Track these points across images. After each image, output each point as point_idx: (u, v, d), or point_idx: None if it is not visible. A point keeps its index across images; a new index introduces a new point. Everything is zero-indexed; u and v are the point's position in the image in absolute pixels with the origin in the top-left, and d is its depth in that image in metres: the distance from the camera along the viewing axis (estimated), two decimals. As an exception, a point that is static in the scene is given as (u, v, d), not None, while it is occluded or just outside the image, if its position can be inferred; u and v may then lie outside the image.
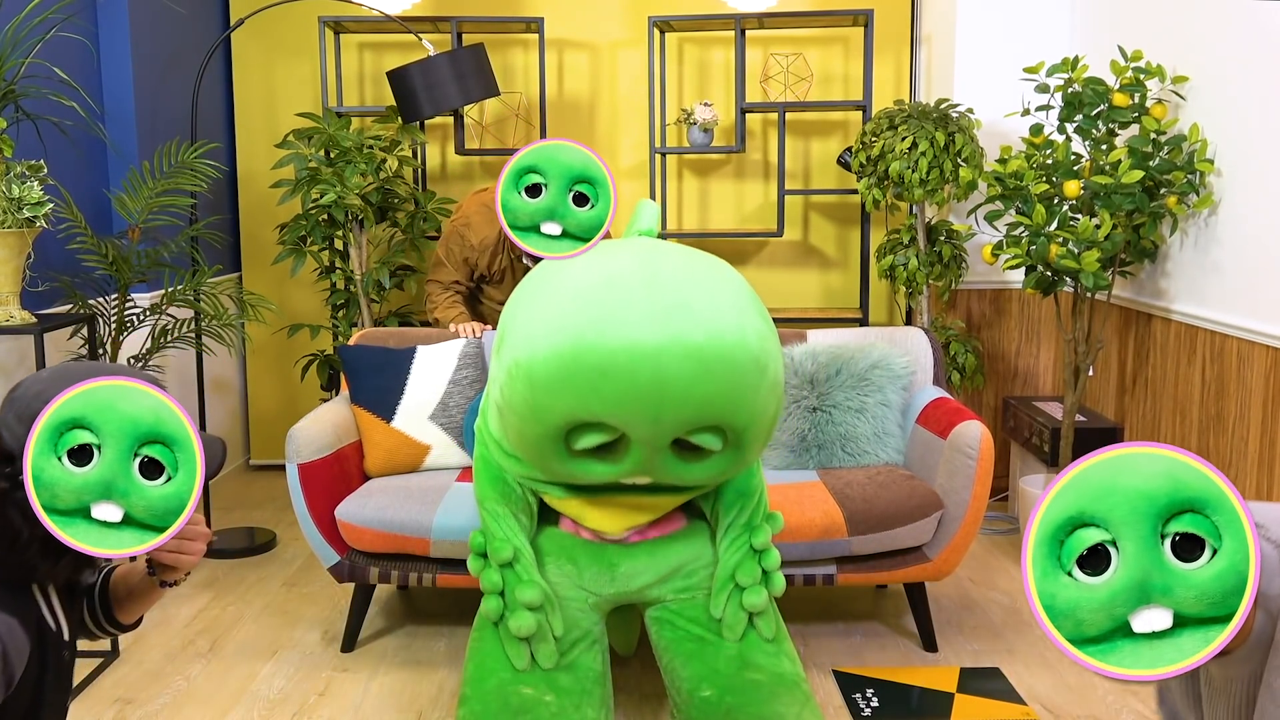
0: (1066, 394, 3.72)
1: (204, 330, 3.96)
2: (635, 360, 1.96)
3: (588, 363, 1.98)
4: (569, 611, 2.47)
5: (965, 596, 3.61)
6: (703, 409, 2.00)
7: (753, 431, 2.11)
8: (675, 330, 1.98)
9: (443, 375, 3.36)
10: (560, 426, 2.07)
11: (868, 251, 4.61)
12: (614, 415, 2.01)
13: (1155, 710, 2.84)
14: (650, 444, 2.06)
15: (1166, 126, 3.41)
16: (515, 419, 2.15)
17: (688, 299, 2.04)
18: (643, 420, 2.00)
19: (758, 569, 2.41)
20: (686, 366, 1.97)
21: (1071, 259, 3.44)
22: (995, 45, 4.33)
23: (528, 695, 2.35)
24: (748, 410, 2.06)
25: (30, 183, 2.96)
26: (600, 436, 2.08)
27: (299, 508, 3.04)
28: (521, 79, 4.99)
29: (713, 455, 2.16)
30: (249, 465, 5.27)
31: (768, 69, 4.88)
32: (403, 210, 4.42)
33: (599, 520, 2.44)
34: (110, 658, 3.15)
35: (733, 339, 2.01)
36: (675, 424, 2.02)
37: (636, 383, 1.96)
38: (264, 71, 5.03)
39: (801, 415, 3.36)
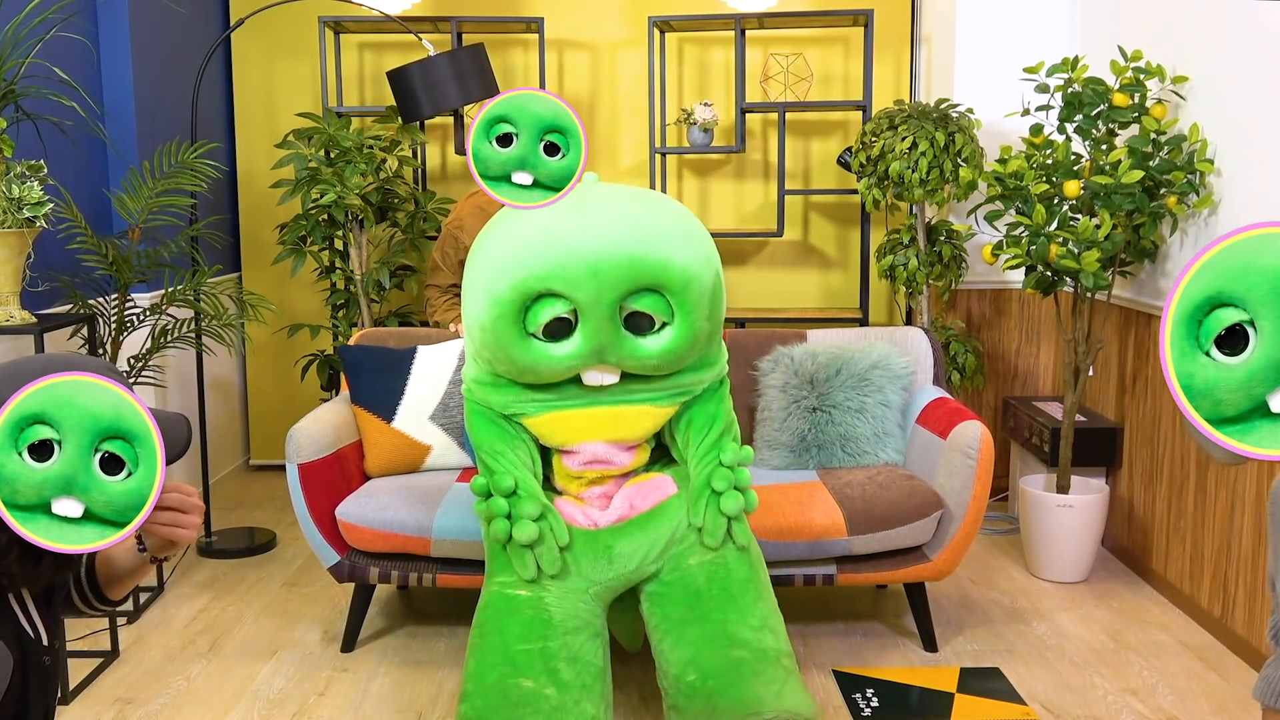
0: (1066, 394, 3.72)
1: (204, 330, 3.96)
2: (570, 234, 2.37)
3: (532, 249, 2.38)
4: (570, 600, 2.50)
5: (965, 596, 3.61)
6: (634, 261, 2.35)
7: (690, 292, 2.42)
8: (606, 216, 2.42)
9: (443, 375, 3.36)
10: (516, 301, 2.39)
11: (868, 251, 4.61)
12: (557, 276, 2.35)
13: (1155, 708, 2.85)
14: (597, 309, 2.37)
15: (1166, 126, 3.41)
16: (478, 318, 2.45)
17: (617, 207, 2.46)
18: (582, 276, 2.34)
19: (730, 475, 2.53)
20: (617, 228, 2.39)
21: (1071, 259, 3.44)
22: (995, 45, 4.33)
23: (528, 689, 2.39)
24: (679, 264, 2.40)
25: (30, 183, 2.96)
26: (552, 305, 2.39)
27: (299, 508, 3.04)
28: (521, 79, 4.99)
29: (662, 328, 2.45)
30: (249, 465, 5.27)
31: (768, 69, 4.88)
32: (403, 210, 4.42)
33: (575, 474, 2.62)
34: (110, 658, 3.15)
35: (656, 213, 2.47)
36: (613, 279, 2.35)
37: (572, 247, 2.35)
38: (264, 71, 5.03)
39: (801, 415, 3.36)
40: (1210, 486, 3.31)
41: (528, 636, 2.45)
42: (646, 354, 2.47)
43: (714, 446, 2.61)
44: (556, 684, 2.41)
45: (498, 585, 2.54)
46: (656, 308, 2.43)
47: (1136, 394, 3.80)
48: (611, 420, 2.58)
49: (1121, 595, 3.62)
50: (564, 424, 2.58)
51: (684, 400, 2.63)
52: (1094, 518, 3.69)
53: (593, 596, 2.54)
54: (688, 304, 2.44)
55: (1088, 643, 3.26)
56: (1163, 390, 3.61)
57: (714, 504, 2.53)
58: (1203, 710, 2.85)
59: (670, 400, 2.61)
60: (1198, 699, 2.91)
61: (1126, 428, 3.87)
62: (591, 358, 2.46)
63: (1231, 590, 3.20)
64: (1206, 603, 3.34)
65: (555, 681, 2.41)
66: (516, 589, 2.52)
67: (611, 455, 2.61)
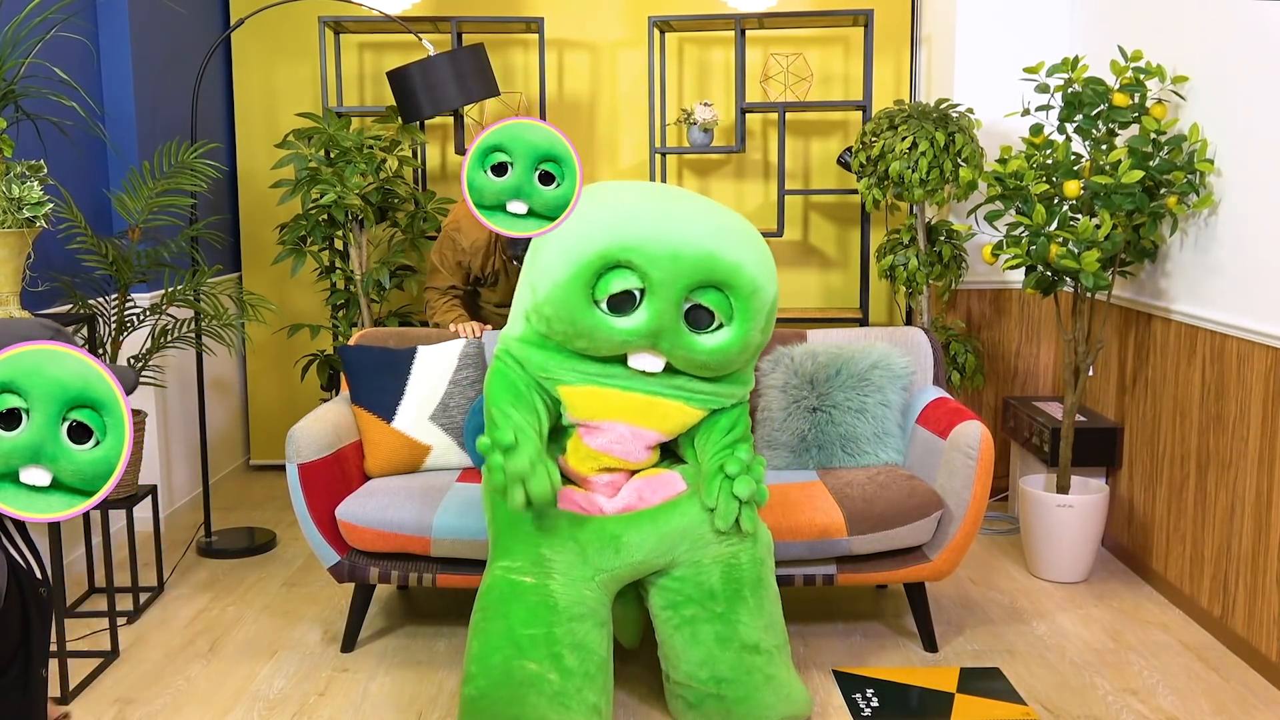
0: (1066, 394, 3.72)
1: (204, 330, 3.96)
2: (658, 217, 2.52)
3: (620, 221, 2.52)
4: (575, 587, 2.53)
5: (965, 596, 3.61)
6: (713, 256, 2.50)
7: (754, 300, 2.55)
8: (694, 212, 2.58)
9: (443, 375, 3.36)
10: (594, 265, 2.50)
11: (868, 251, 4.61)
12: (639, 251, 2.48)
13: (1155, 708, 2.85)
14: (666, 291, 2.50)
15: (1166, 126, 3.41)
16: (553, 275, 2.55)
17: (700, 209, 2.63)
18: (662, 256, 2.48)
19: (743, 462, 2.60)
20: (703, 224, 2.55)
21: (1071, 259, 3.44)
22: (995, 45, 4.33)
23: (532, 670, 2.46)
24: (750, 270, 2.54)
25: (30, 183, 2.96)
26: (625, 277, 2.51)
27: (299, 508, 3.04)
28: (521, 79, 4.99)
29: (717, 328, 2.58)
30: (249, 465, 5.27)
31: (768, 69, 4.88)
32: (403, 210, 4.42)
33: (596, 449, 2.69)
34: (110, 658, 3.15)
35: (736, 223, 2.63)
36: (689, 267, 2.49)
37: (659, 229, 2.50)
38: (264, 71, 5.03)
39: (801, 415, 3.36)
40: (1210, 486, 3.31)
41: (532, 621, 2.50)
42: (700, 349, 2.57)
43: (731, 445, 2.69)
44: (560, 669, 2.47)
45: (501, 570, 2.57)
46: (719, 305, 2.56)
47: (1136, 394, 3.80)
48: (645, 408, 2.65)
49: (1121, 595, 3.62)
50: (598, 399, 2.65)
51: (712, 409, 2.72)
52: (1094, 518, 3.69)
53: (599, 585, 2.58)
54: (749, 310, 2.57)
55: (1088, 643, 3.26)
56: (1163, 390, 3.61)
57: (726, 487, 2.59)
58: (1203, 710, 2.85)
59: (701, 404, 2.69)
60: (1198, 699, 2.91)
61: (1126, 428, 3.87)
62: (648, 339, 2.55)
63: (1231, 590, 3.20)
64: (1206, 603, 3.34)
65: (559, 667, 2.47)
66: (522, 575, 2.55)
67: (631, 444, 2.66)
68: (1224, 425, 3.24)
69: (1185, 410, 3.46)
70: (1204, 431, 3.35)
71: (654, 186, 2.69)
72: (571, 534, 2.58)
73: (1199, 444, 3.38)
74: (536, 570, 2.55)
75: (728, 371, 2.67)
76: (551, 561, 2.56)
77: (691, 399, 2.68)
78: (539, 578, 2.54)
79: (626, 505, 2.64)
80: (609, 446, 2.67)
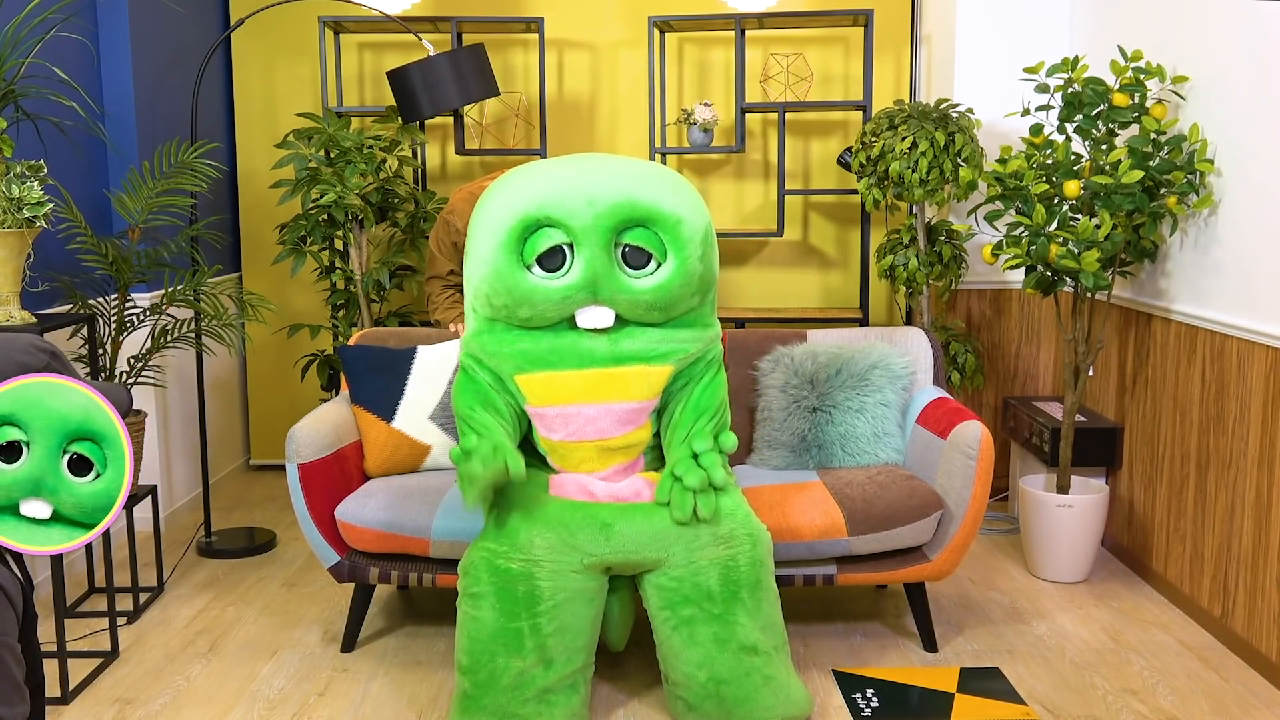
0: (1066, 394, 3.72)
1: (204, 330, 3.96)
2: (572, 174, 2.59)
3: (534, 185, 2.60)
4: (561, 576, 2.55)
5: (965, 596, 3.61)
6: (629, 195, 2.55)
7: (681, 230, 2.59)
8: (606, 164, 2.64)
9: (443, 375, 3.36)
10: (516, 229, 2.57)
11: (868, 251, 4.61)
12: (555, 204, 2.55)
13: (1155, 708, 2.85)
14: (592, 237, 2.54)
15: (1166, 126, 3.41)
16: (479, 251, 2.62)
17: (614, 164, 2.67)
18: (579, 205, 2.54)
19: (689, 453, 2.64)
20: (615, 171, 2.60)
21: (1071, 259, 3.44)
22: (995, 45, 4.33)
23: (518, 669, 2.56)
24: (670, 203, 2.59)
25: (30, 183, 2.96)
26: (549, 234, 2.58)
27: (299, 508, 3.04)
28: (521, 79, 4.99)
29: (654, 268, 2.61)
30: (249, 465, 5.27)
31: (768, 69, 4.88)
32: (403, 210, 4.42)
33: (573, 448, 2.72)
34: (110, 658, 3.15)
35: (651, 168, 2.67)
36: (608, 209, 2.54)
37: (573, 183, 2.57)
38: (264, 71, 5.03)
39: (801, 415, 3.36)
40: (1210, 486, 3.31)
41: (517, 613, 2.55)
42: (640, 290, 2.61)
43: (690, 436, 2.71)
44: (544, 662, 2.56)
45: (487, 552, 2.59)
46: (650, 242, 2.61)
47: (1136, 394, 3.80)
48: (604, 383, 2.67)
49: (1121, 595, 3.62)
50: (558, 384, 2.67)
51: (676, 362, 2.71)
52: (1094, 518, 3.69)
53: (587, 567, 2.61)
54: (679, 240, 2.61)
55: (1088, 643, 3.26)
56: (1163, 390, 3.61)
57: (679, 483, 2.63)
58: (1203, 710, 2.85)
59: (662, 359, 2.69)
60: (1198, 699, 2.91)
61: (1126, 428, 3.87)
62: (587, 290, 2.58)
63: (1231, 590, 3.20)
64: (1206, 603, 3.34)
65: (544, 659, 2.56)
66: (508, 560, 2.57)
67: (602, 421, 2.67)
68: (1224, 425, 3.24)
69: (1185, 410, 3.46)
70: (1204, 431, 3.35)
71: (569, 156, 2.74)
72: (561, 519, 2.61)
73: (1199, 444, 3.38)
74: (523, 557, 2.57)
75: (680, 310, 2.68)
76: (538, 547, 2.58)
77: (651, 357, 2.69)
78: (525, 565, 2.57)
79: (620, 496, 2.66)
80: (579, 433, 2.70)
